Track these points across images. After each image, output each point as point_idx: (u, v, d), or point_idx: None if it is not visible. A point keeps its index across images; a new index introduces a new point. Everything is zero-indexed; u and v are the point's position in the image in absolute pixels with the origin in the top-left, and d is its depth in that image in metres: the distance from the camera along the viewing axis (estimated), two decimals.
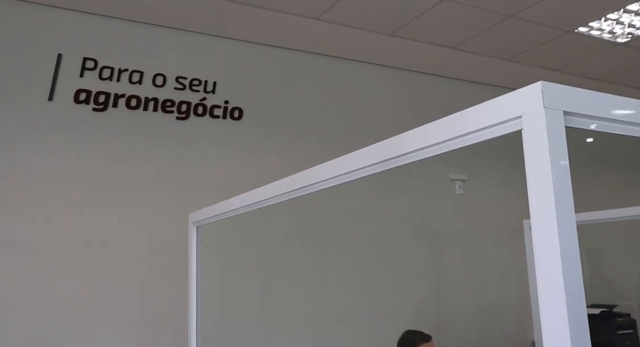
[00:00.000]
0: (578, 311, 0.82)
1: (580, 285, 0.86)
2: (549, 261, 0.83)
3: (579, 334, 0.80)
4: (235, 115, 3.67)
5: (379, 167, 1.29)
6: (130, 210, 3.24)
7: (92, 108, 3.22)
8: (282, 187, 1.73)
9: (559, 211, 0.85)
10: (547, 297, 0.84)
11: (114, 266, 3.14)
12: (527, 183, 0.91)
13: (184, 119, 3.51)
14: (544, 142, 0.87)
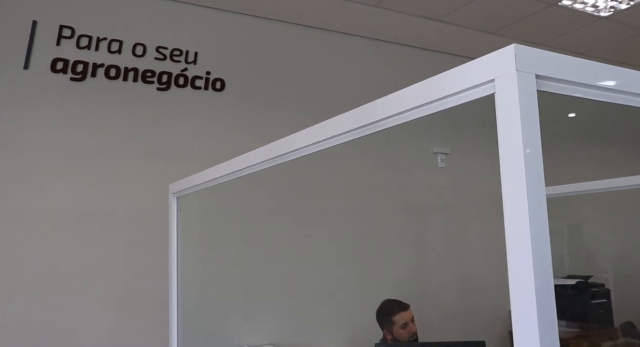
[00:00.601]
0: (545, 280, 0.83)
1: (547, 250, 0.87)
2: (518, 217, 0.85)
3: (546, 305, 0.81)
4: (217, 86, 3.63)
5: (357, 133, 1.29)
6: (110, 181, 3.22)
7: (69, 77, 3.16)
8: (262, 155, 1.72)
9: (529, 172, 0.86)
10: (516, 264, 0.85)
11: (95, 238, 3.13)
12: (499, 147, 0.92)
13: (164, 90, 3.46)
14: (515, 106, 0.88)
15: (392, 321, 2.56)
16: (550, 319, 0.82)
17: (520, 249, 0.87)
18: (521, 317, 0.82)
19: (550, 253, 0.89)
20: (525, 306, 0.82)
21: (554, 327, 0.83)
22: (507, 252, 0.89)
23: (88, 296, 3.07)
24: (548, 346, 0.80)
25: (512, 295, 0.84)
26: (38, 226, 2.99)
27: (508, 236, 0.90)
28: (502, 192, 0.90)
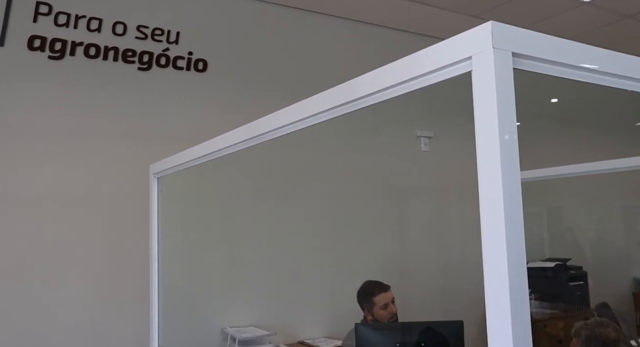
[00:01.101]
0: (518, 262, 0.84)
1: (520, 231, 0.88)
2: (492, 191, 0.85)
3: (518, 287, 0.82)
4: (200, 67, 3.59)
5: (336, 112, 1.29)
6: (90, 162, 3.18)
7: (47, 56, 3.10)
8: (241, 134, 1.72)
9: (504, 148, 0.87)
10: (490, 246, 0.86)
11: (75, 218, 3.10)
12: (475, 125, 0.92)
13: (146, 70, 3.41)
14: (491, 83, 0.88)
15: (373, 302, 2.58)
16: (522, 300, 0.83)
17: (494, 228, 0.87)
18: (494, 298, 0.83)
19: (524, 233, 0.89)
20: (498, 286, 0.83)
21: (525, 308, 0.84)
22: (482, 231, 0.90)
23: (69, 277, 3.05)
24: (519, 326, 0.81)
25: (486, 276, 0.85)
26: (17, 207, 2.96)
27: (483, 214, 0.91)
28: (477, 168, 0.91)
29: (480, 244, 0.90)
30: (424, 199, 4.34)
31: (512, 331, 0.80)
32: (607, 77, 1.06)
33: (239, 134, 1.74)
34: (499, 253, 0.84)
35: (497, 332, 0.82)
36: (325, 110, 1.31)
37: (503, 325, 0.82)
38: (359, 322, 2.11)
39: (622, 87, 1.10)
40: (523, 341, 0.81)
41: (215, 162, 2.85)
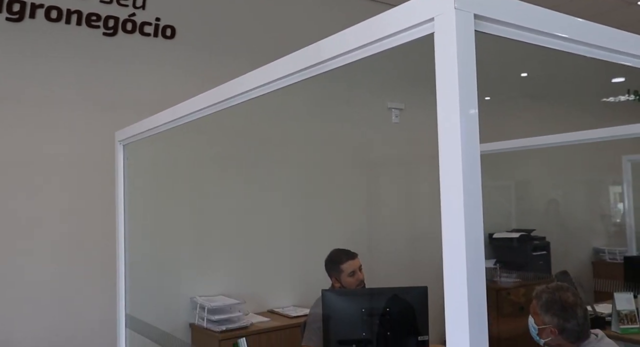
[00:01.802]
0: (475, 231, 0.85)
1: (478, 199, 0.89)
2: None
3: (474, 255, 0.84)
4: (167, 33, 3.50)
5: (302, 75, 1.27)
6: (54, 129, 3.10)
7: (5, 17, 2.97)
8: (209, 98, 1.69)
9: (463, 108, 0.87)
10: (448, 214, 0.87)
11: (40, 187, 3.04)
12: (437, 88, 0.92)
13: (111, 35, 3.31)
14: (452, 45, 0.87)
15: (340, 269, 2.60)
16: (479, 269, 0.85)
17: (452, 191, 0.89)
18: (451, 265, 0.85)
19: (481, 202, 0.90)
20: (456, 255, 0.85)
21: (481, 277, 0.85)
22: (441, 195, 0.91)
23: (34, 246, 3.00)
24: (475, 293, 0.83)
25: (445, 245, 0.87)
26: None
27: (442, 178, 0.92)
28: (438, 131, 0.92)
29: None
30: (394, 170, 4.37)
31: (467, 296, 0.82)
32: (571, 43, 1.07)
33: (205, 98, 1.72)
34: (457, 222, 0.85)
35: (454, 297, 0.84)
36: (290, 73, 1.30)
37: (459, 289, 0.84)
38: (325, 289, 2.14)
39: (585, 54, 1.11)
40: (478, 307, 0.83)
41: (182, 130, 2.81)
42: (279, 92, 1.80)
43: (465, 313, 0.83)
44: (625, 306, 2.89)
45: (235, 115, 3.57)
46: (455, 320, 0.84)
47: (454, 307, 0.84)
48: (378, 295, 2.15)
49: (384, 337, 2.04)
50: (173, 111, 1.93)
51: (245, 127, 3.68)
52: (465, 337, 0.83)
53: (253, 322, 3.26)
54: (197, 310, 3.28)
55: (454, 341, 0.84)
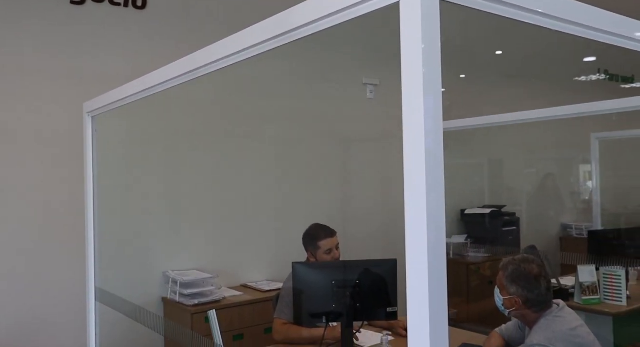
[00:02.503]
0: (437, 207, 0.86)
1: (440, 170, 0.89)
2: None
3: (435, 228, 0.85)
4: (139, 3, 3.41)
5: (272, 44, 1.26)
6: (19, 100, 3.02)
7: None
8: (178, 68, 1.66)
9: (427, 81, 0.87)
10: (411, 192, 0.87)
11: (7, 158, 2.97)
12: (401, 61, 0.92)
13: (79, 4, 3.21)
14: (417, 14, 0.87)
15: (318, 246, 2.61)
16: (439, 241, 0.86)
17: (414, 162, 0.89)
18: (413, 238, 0.86)
19: (443, 175, 0.91)
20: (417, 227, 0.85)
21: (442, 251, 0.87)
22: (404, 170, 0.91)
23: (1, 219, 2.94)
24: (435, 266, 0.84)
25: (407, 218, 0.87)
26: None
27: (405, 148, 0.92)
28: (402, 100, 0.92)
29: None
30: (369, 145, 4.39)
31: (428, 269, 0.84)
32: (538, 16, 1.07)
33: (174, 68, 1.69)
34: (419, 197, 0.85)
35: (415, 270, 0.86)
36: (260, 42, 1.28)
37: (420, 262, 0.85)
38: (296, 262, 2.15)
39: (552, 28, 1.11)
40: (438, 280, 0.85)
41: (154, 102, 2.75)
42: (254, 66, 1.75)
43: (425, 285, 0.84)
44: (588, 278, 2.99)
45: (209, 88, 3.54)
46: (416, 292, 0.85)
47: (415, 280, 0.85)
48: (348, 267, 2.18)
49: (353, 308, 2.07)
50: (142, 81, 1.89)
51: (219, 101, 3.63)
52: (426, 309, 0.84)
53: (226, 296, 3.27)
54: (170, 284, 3.28)
55: (415, 312, 0.85)
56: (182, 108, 3.46)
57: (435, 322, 0.84)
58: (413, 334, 0.85)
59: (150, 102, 3.06)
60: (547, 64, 5.52)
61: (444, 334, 0.86)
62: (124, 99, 2.06)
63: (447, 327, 0.87)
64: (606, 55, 5.55)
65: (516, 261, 2.06)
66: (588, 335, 1.95)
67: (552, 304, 2.02)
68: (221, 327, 3.07)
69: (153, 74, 1.81)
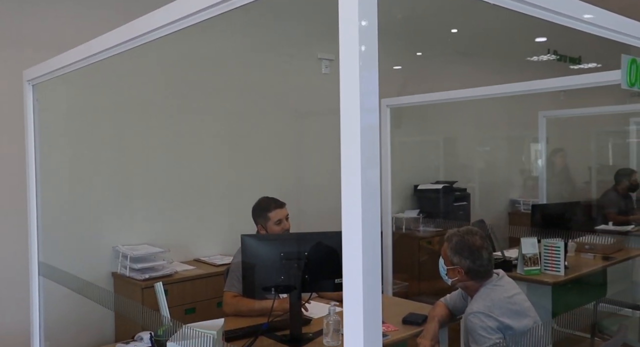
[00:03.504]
0: (371, 187, 0.87)
1: (375, 143, 0.90)
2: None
3: (370, 199, 0.86)
4: None
5: (217, 10, 1.22)
6: None
7: None
8: (121, 35, 1.60)
9: (364, 57, 0.88)
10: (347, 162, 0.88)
11: None
12: (339, 38, 0.92)
13: None
14: None
15: (267, 217, 2.62)
16: (373, 214, 0.87)
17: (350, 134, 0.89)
18: (348, 212, 0.87)
19: (378, 151, 0.92)
20: (352, 204, 0.87)
21: (376, 223, 0.88)
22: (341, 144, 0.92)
23: None
24: (369, 239, 0.86)
25: (343, 190, 0.88)
26: None
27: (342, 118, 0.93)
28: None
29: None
30: (323, 120, 4.38)
31: (362, 241, 0.85)
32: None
33: (117, 35, 1.63)
34: (354, 172, 0.86)
35: (350, 242, 0.87)
36: (204, 7, 1.24)
37: (355, 235, 0.86)
38: (244, 234, 2.15)
39: (504, 5, 1.13)
40: (372, 251, 0.86)
41: (101, 71, 2.68)
42: (205, 37, 1.71)
43: (359, 256, 0.86)
44: (530, 249, 3.11)
45: (160, 59, 3.44)
46: (351, 263, 0.87)
47: (350, 252, 0.87)
48: (297, 240, 2.19)
49: (302, 280, 2.10)
50: (87, 48, 1.82)
51: (171, 72, 3.55)
52: (359, 277, 0.86)
53: (177, 271, 3.25)
54: (120, 259, 3.23)
55: (350, 282, 0.87)
56: (130, 79, 3.36)
57: (369, 291, 0.86)
58: (348, 302, 0.87)
59: (97, 71, 2.96)
60: (501, 42, 5.63)
61: (377, 301, 0.88)
62: (66, 67, 1.98)
63: (379, 296, 0.90)
64: (556, 36, 5.70)
65: (460, 232, 2.13)
66: (524, 302, 2.04)
67: (492, 274, 2.10)
68: (173, 301, 3.07)
69: (97, 40, 1.74)
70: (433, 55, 5.36)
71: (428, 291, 4.13)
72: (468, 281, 2.08)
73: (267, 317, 2.19)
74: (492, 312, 1.95)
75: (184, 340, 1.60)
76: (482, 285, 2.06)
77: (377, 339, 0.88)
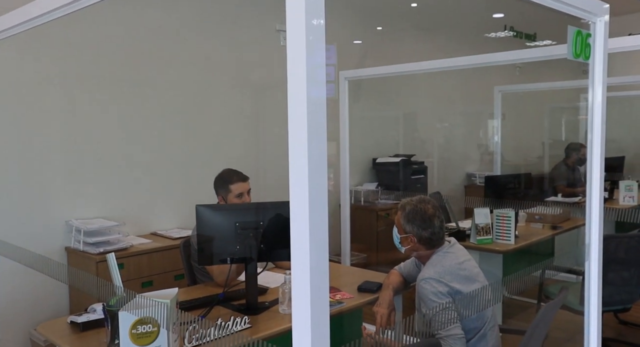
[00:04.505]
0: (318, 160, 0.87)
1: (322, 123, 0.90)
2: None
3: (317, 180, 0.86)
4: None
5: None
6: None
7: None
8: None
9: (309, 30, 0.87)
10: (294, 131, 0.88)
11: None
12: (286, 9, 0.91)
13: None
14: None
15: (229, 189, 2.58)
16: (320, 187, 0.88)
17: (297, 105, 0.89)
18: (295, 183, 0.87)
19: (325, 125, 0.92)
20: (299, 174, 0.87)
21: (323, 195, 0.89)
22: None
23: None
24: (316, 208, 0.86)
25: (290, 165, 0.88)
26: None
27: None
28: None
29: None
30: (282, 92, 4.35)
31: (308, 212, 0.86)
32: None
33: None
34: (301, 146, 0.86)
35: (297, 211, 0.88)
36: None
37: (302, 205, 0.87)
38: (199, 204, 2.13)
39: None
40: (318, 221, 0.87)
41: (51, 39, 2.57)
42: (162, 6, 1.65)
43: (306, 226, 0.87)
44: (483, 219, 3.21)
45: (113, 29, 3.33)
46: (298, 232, 0.88)
47: (298, 220, 0.88)
48: (252, 209, 2.19)
49: (257, 250, 2.11)
50: (25, 10, 1.73)
51: (124, 42, 3.44)
52: (306, 246, 0.87)
53: (133, 244, 3.21)
54: (73, 233, 3.16)
55: (297, 252, 0.88)
56: (81, 50, 3.24)
57: (316, 258, 0.88)
58: (295, 269, 0.89)
59: (45, 39, 2.86)
60: (460, 18, 5.67)
61: (324, 269, 0.90)
62: (5, 31, 1.88)
63: (327, 263, 0.91)
64: (512, 12, 5.79)
65: (413, 201, 2.17)
66: (474, 268, 2.11)
67: (444, 242, 2.15)
68: (129, 274, 3.04)
69: (33, 4, 1.66)
70: (393, 30, 5.36)
71: (386, 261, 4.22)
72: (420, 248, 2.13)
73: (222, 287, 2.20)
74: (443, 278, 2.01)
75: (136, 309, 1.59)
76: (434, 252, 2.12)
77: (324, 305, 0.89)
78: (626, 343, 3.28)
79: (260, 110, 4.26)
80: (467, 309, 1.87)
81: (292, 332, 0.91)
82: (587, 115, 1.89)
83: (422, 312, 2.05)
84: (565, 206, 3.91)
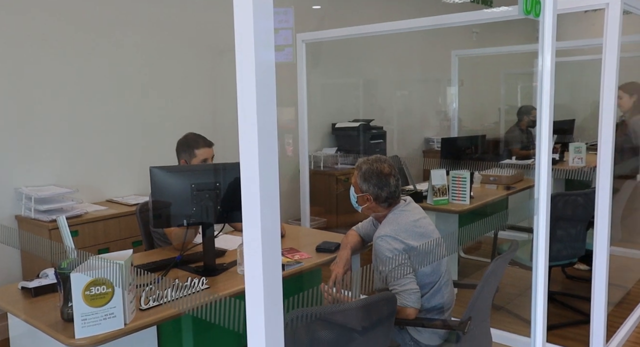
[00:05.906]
0: (268, 125, 0.86)
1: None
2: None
3: (267, 145, 0.86)
4: None
5: None
6: None
7: None
8: None
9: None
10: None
11: None
12: None
13: None
14: None
15: (194, 154, 2.52)
16: (270, 148, 0.87)
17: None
18: (245, 144, 0.86)
19: (274, 88, 0.90)
20: (249, 136, 0.85)
21: (273, 155, 0.88)
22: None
23: None
24: (266, 170, 0.87)
25: (240, 128, 0.87)
26: None
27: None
28: None
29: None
30: None
31: (259, 172, 0.85)
32: None
33: None
34: (250, 108, 0.85)
35: (247, 173, 0.87)
36: None
37: (251, 167, 0.86)
38: (153, 166, 2.09)
39: None
40: (269, 181, 0.86)
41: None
42: None
43: (256, 186, 0.86)
44: (439, 181, 3.27)
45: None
46: (249, 192, 0.87)
47: (249, 181, 0.88)
48: (207, 170, 2.17)
49: (214, 211, 2.09)
50: None
51: (76, 3, 3.27)
52: (257, 206, 0.87)
53: (88, 211, 3.14)
54: (24, 200, 3.06)
55: (248, 209, 0.88)
56: (30, 11, 3.07)
57: (266, 216, 0.88)
58: (247, 229, 0.88)
59: None
60: None
61: (276, 226, 0.90)
62: None
63: (278, 221, 0.91)
64: None
65: (369, 161, 2.18)
66: (429, 225, 2.16)
67: (400, 200, 2.19)
68: (85, 242, 2.98)
69: None
70: None
71: (345, 225, 4.27)
72: (377, 207, 2.16)
73: (180, 250, 2.18)
74: (399, 235, 2.05)
75: (89, 270, 1.57)
76: (390, 211, 2.15)
77: (276, 262, 0.90)
78: (572, 296, 3.46)
79: (217, 73, 4.17)
80: (421, 263, 1.92)
81: (245, 290, 0.91)
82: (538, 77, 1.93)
83: (379, 270, 2.09)
84: (518, 168, 4.02)
